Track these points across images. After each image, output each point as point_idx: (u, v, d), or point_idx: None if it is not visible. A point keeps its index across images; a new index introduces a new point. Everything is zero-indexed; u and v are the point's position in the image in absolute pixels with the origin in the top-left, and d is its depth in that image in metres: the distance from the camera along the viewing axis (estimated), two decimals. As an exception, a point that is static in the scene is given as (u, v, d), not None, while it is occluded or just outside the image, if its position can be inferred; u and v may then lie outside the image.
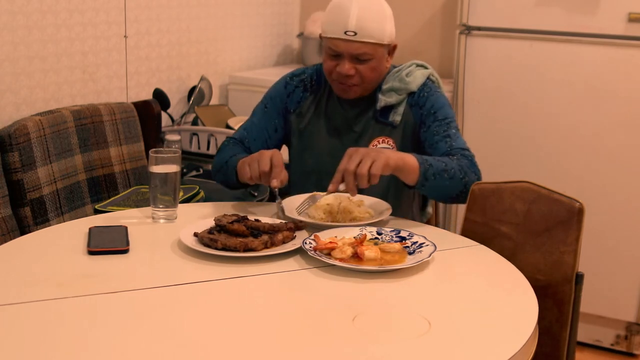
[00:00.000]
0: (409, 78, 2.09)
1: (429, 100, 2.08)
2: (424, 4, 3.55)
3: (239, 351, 1.27)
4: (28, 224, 2.28)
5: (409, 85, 2.08)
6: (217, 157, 2.14)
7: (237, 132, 2.20)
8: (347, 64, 2.00)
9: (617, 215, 2.87)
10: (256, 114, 2.20)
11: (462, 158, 1.94)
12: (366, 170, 1.74)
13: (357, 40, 1.97)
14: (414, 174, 1.85)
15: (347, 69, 2.00)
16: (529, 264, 1.74)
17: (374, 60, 2.02)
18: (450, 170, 1.88)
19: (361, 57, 1.99)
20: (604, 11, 2.77)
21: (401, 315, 1.43)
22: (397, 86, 2.08)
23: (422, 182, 1.86)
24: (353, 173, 1.75)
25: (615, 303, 2.93)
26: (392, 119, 2.09)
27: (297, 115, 2.17)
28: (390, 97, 2.09)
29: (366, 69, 2.02)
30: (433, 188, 1.89)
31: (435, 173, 1.86)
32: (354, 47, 1.98)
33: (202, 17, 3.24)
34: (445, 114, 2.05)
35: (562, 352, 1.73)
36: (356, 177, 1.76)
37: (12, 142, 2.25)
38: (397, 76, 2.10)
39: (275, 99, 2.19)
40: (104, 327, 1.33)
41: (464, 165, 1.92)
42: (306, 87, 2.18)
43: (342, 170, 1.77)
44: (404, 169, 1.84)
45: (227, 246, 1.64)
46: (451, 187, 1.90)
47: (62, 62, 2.60)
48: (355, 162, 1.76)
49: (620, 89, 2.80)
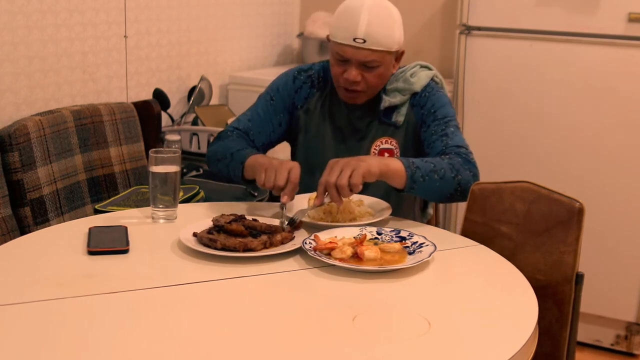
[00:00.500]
0: (413, 79, 2.08)
1: (429, 100, 2.07)
2: (424, 4, 3.54)
3: (239, 351, 1.27)
4: (28, 224, 2.28)
5: (413, 86, 2.07)
6: (218, 146, 2.08)
7: (241, 122, 2.14)
8: (354, 71, 1.98)
9: (617, 215, 2.87)
10: (260, 105, 2.16)
11: (455, 156, 1.93)
12: (346, 181, 1.74)
13: (365, 48, 1.95)
14: (400, 178, 1.84)
15: (354, 76, 1.98)
16: (529, 264, 1.74)
17: (382, 67, 2.00)
18: (440, 170, 1.87)
19: (369, 64, 1.98)
20: (604, 11, 2.77)
21: (401, 315, 1.43)
22: (401, 87, 2.08)
23: (410, 185, 1.85)
24: (334, 185, 1.75)
25: (615, 303, 2.93)
26: (395, 119, 2.09)
27: (304, 111, 2.14)
28: (394, 97, 2.08)
29: (373, 76, 2.00)
30: (424, 190, 1.88)
31: (423, 175, 1.85)
32: (362, 55, 1.96)
33: (202, 17, 3.24)
34: (445, 113, 2.04)
35: (562, 352, 1.73)
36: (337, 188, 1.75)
37: (12, 142, 2.25)
38: (401, 77, 2.10)
39: (283, 92, 2.15)
40: (104, 327, 1.33)
41: (455, 164, 1.90)
42: (313, 84, 2.16)
43: (324, 183, 1.77)
44: (388, 174, 1.83)
45: (226, 246, 1.64)
46: (443, 187, 1.88)
47: (62, 62, 2.60)
48: (336, 174, 1.76)
49: (620, 89, 2.80)
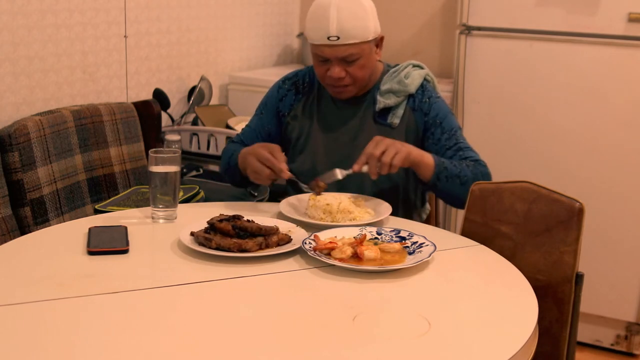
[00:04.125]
0: (407, 80, 2.11)
1: (433, 108, 2.10)
2: (424, 4, 3.55)
3: (240, 351, 1.27)
4: (28, 224, 2.28)
5: (407, 88, 2.10)
6: (222, 161, 2.25)
7: (237, 136, 2.28)
8: (336, 68, 2.01)
9: (617, 215, 2.87)
10: (253, 119, 2.27)
11: (479, 166, 2.02)
12: (389, 159, 1.86)
13: (341, 44, 1.98)
14: (428, 171, 1.95)
15: (337, 73, 2.01)
16: (529, 264, 1.74)
17: (362, 58, 2.02)
18: (464, 177, 1.96)
19: (348, 58, 2.00)
20: (604, 11, 2.77)
21: (401, 315, 1.43)
22: (396, 88, 2.10)
23: (434, 182, 1.96)
24: (377, 158, 1.86)
25: (615, 303, 2.93)
26: (390, 120, 2.10)
27: (292, 118, 2.19)
28: (389, 98, 2.10)
29: (356, 69, 2.03)
30: (444, 189, 1.97)
31: (448, 176, 1.96)
32: (340, 51, 1.99)
33: (202, 17, 3.24)
34: (451, 124, 2.10)
35: (562, 352, 1.73)
36: (379, 163, 1.86)
37: (12, 142, 2.25)
38: (395, 78, 2.11)
39: (269, 105, 2.24)
40: (104, 327, 1.33)
41: (478, 174, 1.99)
42: (298, 90, 2.20)
43: (368, 154, 1.88)
44: (421, 165, 1.94)
45: (221, 246, 1.64)
46: (462, 193, 1.95)
47: (62, 62, 2.60)
48: (380, 149, 1.86)
49: (621, 89, 2.80)
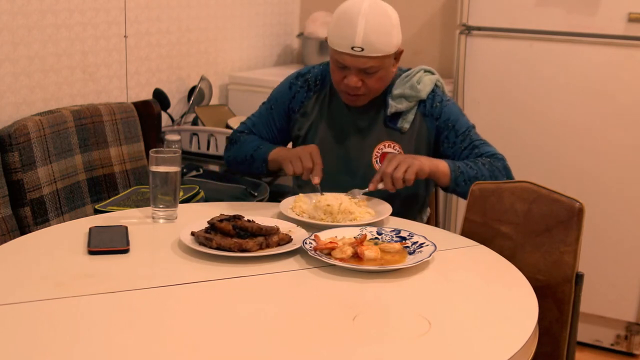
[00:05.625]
0: (419, 86, 2.11)
1: (443, 112, 2.11)
2: (424, 4, 3.54)
3: (240, 351, 1.27)
4: (28, 224, 2.28)
5: (419, 94, 2.11)
6: (234, 150, 2.25)
7: (247, 126, 2.27)
8: (354, 77, 2.01)
9: (617, 215, 2.87)
10: (262, 113, 2.26)
11: (495, 161, 2.05)
12: (401, 174, 1.93)
13: (364, 56, 1.98)
14: (445, 178, 2.01)
15: (354, 82, 2.02)
16: (529, 264, 1.74)
17: (382, 71, 2.03)
18: (481, 177, 2.00)
19: (368, 70, 2.01)
20: (604, 11, 2.77)
21: (401, 315, 1.43)
22: (408, 93, 2.10)
23: (453, 187, 2.02)
24: (390, 175, 1.94)
25: (615, 303, 2.93)
26: (400, 125, 2.11)
27: (302, 115, 2.19)
28: (401, 103, 2.11)
29: (373, 81, 2.04)
30: (464, 192, 1.99)
31: (466, 179, 2.00)
32: (361, 62, 1.99)
33: (202, 17, 3.24)
34: (464, 126, 2.12)
35: (562, 352, 1.73)
36: (393, 179, 1.93)
37: (12, 142, 2.25)
38: (407, 83, 2.12)
39: (280, 100, 2.23)
40: (104, 326, 1.33)
41: (495, 171, 2.02)
42: (310, 87, 2.20)
43: (382, 172, 1.96)
44: (437, 174, 2.01)
45: (221, 246, 1.64)
46: None
47: (62, 62, 2.60)
48: (393, 166, 1.94)
49: (620, 89, 2.80)
